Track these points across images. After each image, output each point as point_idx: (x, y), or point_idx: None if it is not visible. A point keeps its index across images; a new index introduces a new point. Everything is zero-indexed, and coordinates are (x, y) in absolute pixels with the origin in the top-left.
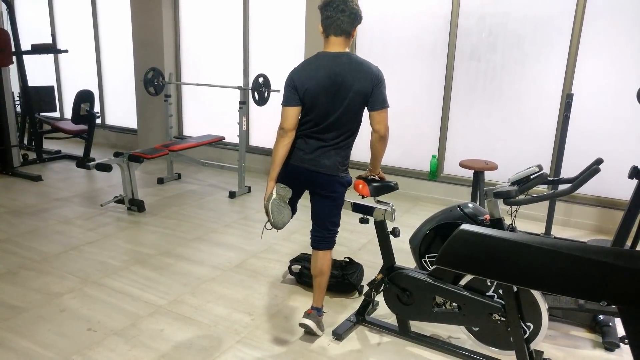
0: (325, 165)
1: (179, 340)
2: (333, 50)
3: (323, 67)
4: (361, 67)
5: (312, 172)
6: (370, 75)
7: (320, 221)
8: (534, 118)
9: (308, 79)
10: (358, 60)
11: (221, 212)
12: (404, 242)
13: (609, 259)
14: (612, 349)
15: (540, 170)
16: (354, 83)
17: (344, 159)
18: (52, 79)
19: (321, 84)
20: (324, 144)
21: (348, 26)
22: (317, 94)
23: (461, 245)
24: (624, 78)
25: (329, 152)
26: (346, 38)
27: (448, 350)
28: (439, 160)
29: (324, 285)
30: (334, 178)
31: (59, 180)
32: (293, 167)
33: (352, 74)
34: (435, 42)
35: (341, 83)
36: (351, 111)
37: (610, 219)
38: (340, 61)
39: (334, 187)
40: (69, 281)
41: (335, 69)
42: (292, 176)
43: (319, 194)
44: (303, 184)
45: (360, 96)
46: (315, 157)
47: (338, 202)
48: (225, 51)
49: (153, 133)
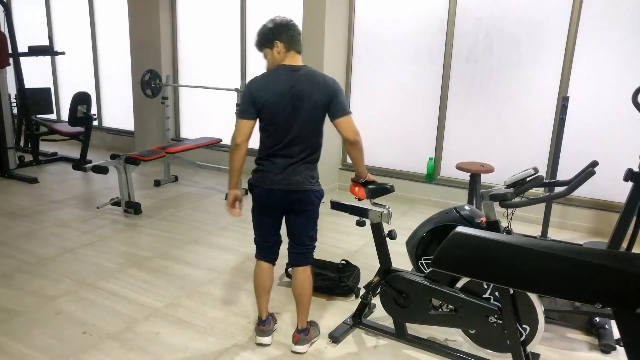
0: (297, 182)
1: (174, 343)
2: (292, 64)
3: (282, 80)
4: (317, 79)
5: (286, 191)
6: (326, 86)
7: (297, 237)
8: (530, 121)
9: (266, 91)
10: (315, 73)
11: (218, 215)
12: (401, 245)
13: (604, 261)
14: (608, 351)
15: (536, 172)
16: (312, 95)
17: (314, 172)
18: (49, 80)
19: (280, 97)
20: (292, 161)
21: (300, 44)
22: (276, 107)
23: (457, 248)
24: (619, 81)
25: (299, 167)
26: (299, 54)
27: (445, 353)
28: (436, 162)
29: (307, 304)
30: (308, 192)
31: (55, 182)
32: (265, 191)
33: (310, 87)
34: (432, 45)
35: (300, 96)
36: (312, 124)
37: (606, 221)
38: (299, 74)
39: (310, 200)
40: (65, 284)
41: (294, 82)
42: (267, 201)
43: (294, 210)
44: (279, 206)
45: (320, 108)
46: (286, 177)
47: (313, 215)
48: (222, 53)
49: (150, 135)
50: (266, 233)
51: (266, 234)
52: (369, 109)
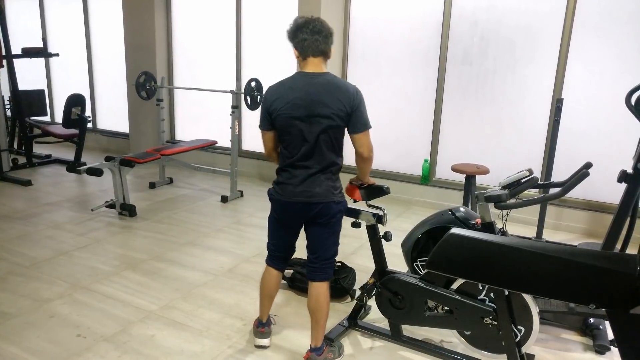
0: (318, 194)
1: (170, 346)
2: (311, 71)
3: (298, 88)
4: (338, 88)
5: (306, 204)
6: (348, 96)
7: (317, 250)
8: (525, 122)
9: (280, 100)
10: (335, 80)
11: (213, 217)
12: (396, 246)
13: (598, 262)
14: (602, 352)
15: (531, 174)
16: (331, 104)
17: (336, 183)
18: (43, 82)
19: (295, 105)
20: (311, 171)
21: (325, 46)
22: (290, 117)
23: (451, 249)
24: (612, 83)
25: (319, 178)
26: (324, 58)
27: (440, 354)
28: (431, 164)
29: (322, 321)
30: (330, 204)
31: (49, 184)
32: (285, 204)
33: (329, 95)
34: (428, 47)
35: (317, 105)
36: (331, 133)
37: (600, 222)
38: (317, 82)
39: (332, 213)
40: (59, 287)
41: (311, 90)
42: (286, 214)
43: (316, 223)
44: (299, 219)
45: (339, 118)
46: (305, 188)
47: (336, 228)
48: (217, 55)
49: (145, 137)
50: (280, 244)
51: (279, 245)
52: None
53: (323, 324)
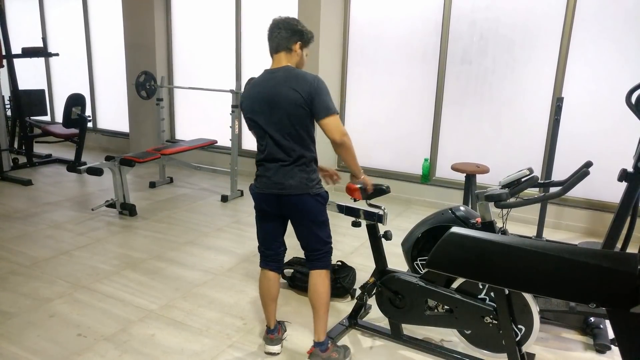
0: (291, 186)
1: (170, 345)
2: (274, 67)
3: (259, 84)
4: (296, 78)
5: (280, 196)
6: (305, 85)
7: (305, 243)
8: (525, 121)
9: (247, 98)
10: (294, 72)
11: (213, 216)
12: (397, 246)
13: (598, 261)
14: (603, 351)
15: (531, 173)
16: (289, 94)
17: (311, 174)
18: (43, 82)
19: (257, 101)
20: (283, 163)
21: (285, 41)
22: (254, 112)
23: (451, 248)
24: (613, 82)
25: (292, 170)
26: (287, 53)
27: (440, 354)
28: (431, 163)
29: (322, 311)
30: (303, 197)
31: (49, 184)
32: (260, 195)
33: (285, 86)
34: (427, 46)
35: (276, 96)
36: (295, 124)
37: (601, 221)
38: (276, 75)
39: (307, 205)
40: (59, 286)
41: (270, 84)
42: (263, 206)
43: (293, 217)
44: (275, 212)
45: (298, 107)
46: (279, 180)
47: (318, 219)
48: (217, 55)
49: (145, 137)
50: (268, 240)
51: (268, 241)
52: (364, 110)
53: (323, 314)
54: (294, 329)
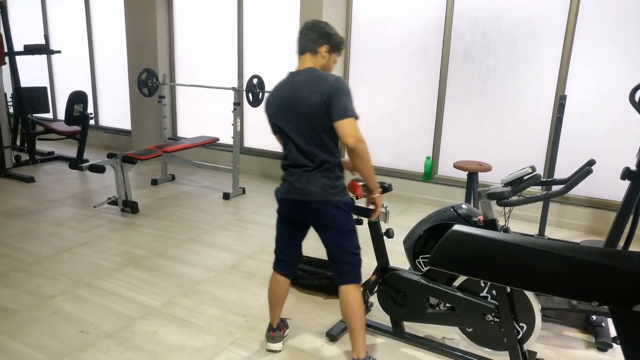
0: (312, 192)
1: (172, 342)
2: (297, 69)
3: (284, 86)
4: (317, 79)
5: (300, 201)
6: (325, 85)
7: (330, 254)
8: (528, 119)
9: (272, 102)
10: (316, 73)
11: (215, 214)
12: (398, 244)
13: (601, 259)
14: (604, 349)
15: (534, 171)
16: (310, 97)
17: (334, 181)
18: (45, 80)
19: (281, 104)
20: (306, 169)
21: (312, 43)
22: (278, 117)
23: (453, 246)
24: (616, 80)
25: (314, 176)
26: (312, 55)
27: (442, 351)
28: (433, 161)
29: (359, 329)
30: (324, 204)
31: (51, 181)
32: (282, 200)
33: (307, 88)
34: (429, 45)
35: (297, 99)
36: (317, 127)
37: (603, 219)
38: (299, 77)
39: (328, 213)
40: (62, 283)
41: (293, 86)
42: (284, 212)
43: (319, 226)
44: (295, 218)
45: (320, 110)
46: (300, 186)
47: (341, 229)
48: (219, 52)
49: (147, 134)
50: (284, 246)
51: (284, 246)
52: (366, 108)
53: (360, 330)
54: (295, 327)
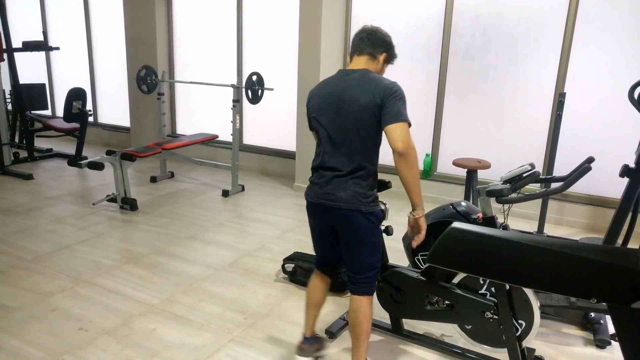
0: (341, 199)
1: (171, 339)
2: (350, 68)
3: (332, 83)
4: (372, 81)
5: (329, 207)
6: (380, 88)
7: (349, 263)
8: (527, 117)
9: (315, 97)
10: (371, 75)
11: (214, 211)
12: (397, 241)
13: (599, 257)
14: (603, 346)
15: (533, 168)
16: (360, 97)
17: (367, 190)
18: (44, 76)
19: (326, 102)
20: (338, 173)
21: (371, 47)
22: (321, 113)
23: (452, 244)
24: (615, 77)
25: (346, 182)
26: (369, 59)
27: (441, 349)
28: (433, 158)
29: (362, 341)
30: (353, 213)
31: (50, 178)
32: (311, 205)
33: (358, 88)
34: (429, 42)
35: (345, 99)
36: (361, 131)
37: (602, 217)
38: (351, 76)
39: (355, 222)
40: (60, 280)
41: (342, 85)
42: (313, 216)
43: (343, 232)
44: (323, 223)
45: (369, 112)
46: (330, 190)
47: (366, 240)
48: (218, 49)
49: (146, 131)
50: (318, 246)
51: (318, 247)
52: None
53: (363, 342)
54: (294, 324)
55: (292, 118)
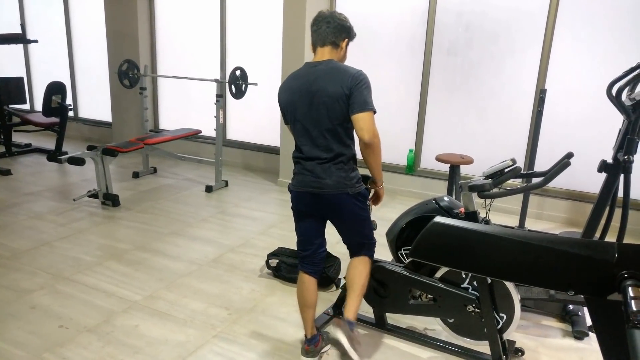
0: (328, 185)
1: (154, 336)
2: (316, 60)
3: (300, 76)
4: (338, 71)
5: (317, 195)
6: (346, 77)
7: (348, 240)
8: (509, 113)
9: (286, 92)
10: (337, 65)
11: (198, 207)
12: (381, 236)
13: (576, 250)
14: (581, 337)
15: (514, 164)
16: (328, 87)
17: (349, 172)
18: (22, 69)
19: (296, 93)
20: (321, 162)
21: (333, 36)
22: (294, 106)
23: (435, 238)
24: (595, 74)
25: (329, 169)
26: (333, 48)
27: (424, 342)
28: (416, 154)
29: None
30: (342, 196)
31: (29, 174)
32: (297, 194)
33: (327, 79)
34: (413, 37)
35: (315, 90)
36: (333, 120)
37: (581, 211)
38: (318, 68)
39: (345, 204)
40: (40, 277)
41: (311, 77)
42: (299, 206)
43: (334, 217)
44: (313, 211)
45: (339, 101)
46: (316, 179)
47: (358, 218)
48: (202, 43)
49: (128, 126)
50: (305, 240)
51: (305, 241)
52: None
53: (359, 295)
54: (278, 319)
55: (276, 113)
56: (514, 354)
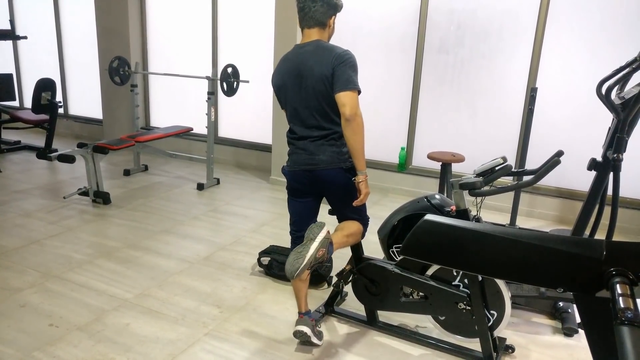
0: (322, 161)
1: (145, 334)
2: (304, 41)
3: (289, 58)
4: (324, 50)
5: (312, 172)
6: (332, 56)
7: (341, 215)
8: (500, 111)
9: (278, 75)
10: (323, 45)
11: (189, 205)
12: (373, 233)
13: (566, 247)
14: (570, 334)
15: (505, 162)
16: (314, 68)
17: (342, 148)
18: (11, 66)
19: (286, 76)
20: (313, 139)
21: (321, 16)
22: (285, 88)
23: (426, 235)
24: (586, 73)
25: (322, 145)
26: (320, 29)
27: (415, 340)
28: (408, 152)
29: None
30: (336, 171)
31: (18, 172)
32: (292, 173)
33: (313, 60)
34: (405, 36)
35: (303, 71)
36: (321, 99)
37: (571, 209)
38: (305, 50)
39: (341, 179)
40: (30, 276)
41: (299, 58)
42: (295, 185)
43: (329, 192)
44: (308, 189)
45: (326, 81)
46: (310, 156)
47: (352, 192)
48: (193, 40)
49: (119, 124)
50: (299, 221)
51: (299, 222)
52: None
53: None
54: (271, 317)
55: (268, 111)
56: (505, 351)
